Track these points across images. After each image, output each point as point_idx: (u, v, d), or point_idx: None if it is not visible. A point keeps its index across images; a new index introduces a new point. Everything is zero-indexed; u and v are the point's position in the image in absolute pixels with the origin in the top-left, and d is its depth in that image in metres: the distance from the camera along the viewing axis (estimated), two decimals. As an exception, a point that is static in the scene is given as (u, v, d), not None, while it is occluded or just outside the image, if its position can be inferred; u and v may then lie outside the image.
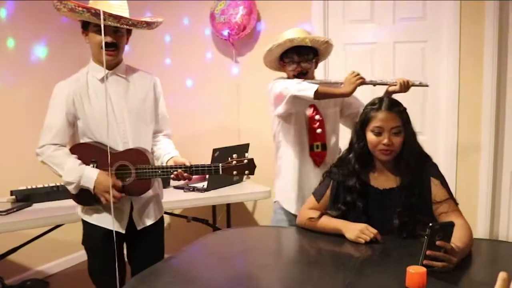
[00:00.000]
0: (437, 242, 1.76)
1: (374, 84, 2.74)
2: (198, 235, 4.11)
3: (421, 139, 2.35)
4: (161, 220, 2.86)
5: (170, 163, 2.63)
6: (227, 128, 4.26)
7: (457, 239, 1.88)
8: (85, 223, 2.68)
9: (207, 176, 3.62)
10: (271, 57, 2.92)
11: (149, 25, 2.68)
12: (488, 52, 3.47)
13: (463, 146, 3.61)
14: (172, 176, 2.54)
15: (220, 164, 2.48)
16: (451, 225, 1.84)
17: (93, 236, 2.65)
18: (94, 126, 2.56)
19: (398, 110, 2.24)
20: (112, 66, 2.62)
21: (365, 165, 2.31)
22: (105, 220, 2.60)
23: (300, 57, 2.84)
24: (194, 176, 3.01)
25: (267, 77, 3.57)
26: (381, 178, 2.30)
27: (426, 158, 2.32)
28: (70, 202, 2.68)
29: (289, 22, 3.97)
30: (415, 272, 1.47)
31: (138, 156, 2.54)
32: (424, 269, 1.49)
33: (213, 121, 4.29)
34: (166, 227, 4.41)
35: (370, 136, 2.24)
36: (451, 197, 2.23)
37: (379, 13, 3.85)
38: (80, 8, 2.43)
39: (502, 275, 1.16)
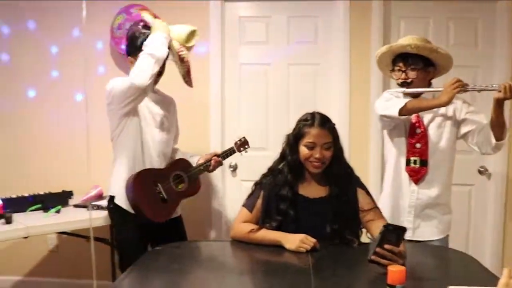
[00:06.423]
0: (386, 246, 1.92)
1: (478, 90, 2.56)
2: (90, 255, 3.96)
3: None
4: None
5: (201, 160, 3.13)
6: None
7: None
8: None
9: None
10: (381, 65, 2.85)
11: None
12: (374, 76, 3.78)
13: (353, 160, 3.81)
14: (210, 168, 3.11)
15: (234, 146, 3.23)
16: (403, 229, 2.01)
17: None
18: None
19: (329, 127, 2.42)
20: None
21: (297, 176, 2.45)
22: None
23: (406, 65, 2.68)
24: (94, 195, 3.59)
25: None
26: (310, 188, 2.46)
27: (351, 170, 2.52)
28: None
29: (186, 40, 3.99)
30: (396, 270, 1.63)
31: (184, 163, 3.11)
32: (403, 267, 1.64)
33: (104, 136, 4.13)
34: (53, 249, 4.24)
35: (303, 150, 2.40)
36: (376, 206, 2.46)
37: (274, 35, 4.00)
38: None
39: None
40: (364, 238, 2.51)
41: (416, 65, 2.68)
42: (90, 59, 4.10)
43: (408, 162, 2.76)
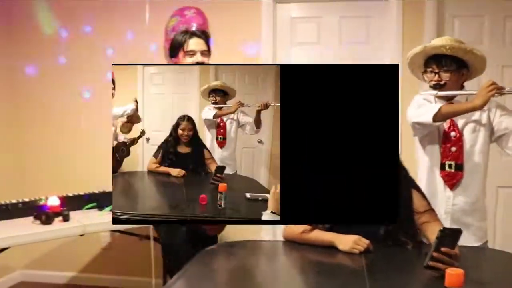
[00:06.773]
0: (442, 249, 1.87)
1: None
2: (143, 254, 4.03)
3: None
4: None
5: None
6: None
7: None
8: None
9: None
10: (413, 65, 2.75)
11: None
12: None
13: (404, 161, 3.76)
14: None
15: None
16: (459, 232, 1.97)
17: None
18: None
19: None
20: None
21: None
22: None
23: (439, 67, 2.57)
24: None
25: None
26: None
27: (405, 171, 2.47)
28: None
29: (238, 43, 4.02)
30: (454, 273, 1.63)
31: None
32: (461, 271, 1.63)
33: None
34: (106, 247, 4.34)
35: None
36: (431, 208, 2.41)
37: (325, 36, 4.01)
38: None
39: None
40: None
41: (450, 67, 2.56)
42: (144, 61, 4.18)
43: (443, 167, 2.64)
